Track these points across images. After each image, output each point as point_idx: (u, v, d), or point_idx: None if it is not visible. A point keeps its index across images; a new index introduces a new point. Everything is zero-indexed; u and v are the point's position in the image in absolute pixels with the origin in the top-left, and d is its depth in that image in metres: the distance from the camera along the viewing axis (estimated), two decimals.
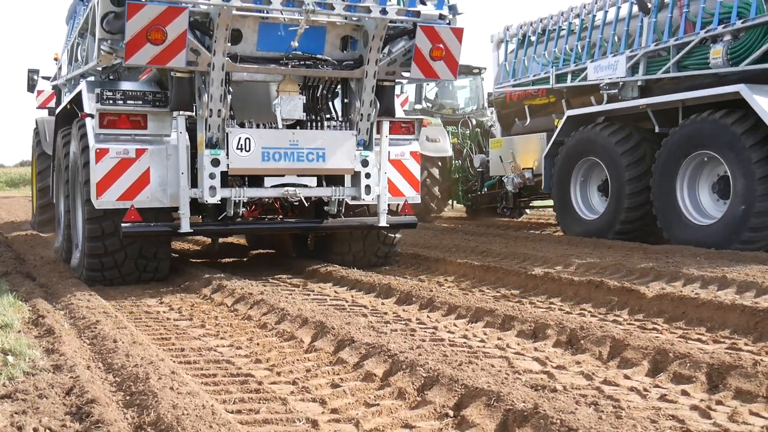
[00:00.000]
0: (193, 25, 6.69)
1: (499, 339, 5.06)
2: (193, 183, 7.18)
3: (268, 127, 7.32)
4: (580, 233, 10.74)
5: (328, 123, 7.60)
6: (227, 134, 7.08)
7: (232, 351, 4.82)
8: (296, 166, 7.29)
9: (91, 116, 7.15)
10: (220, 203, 7.24)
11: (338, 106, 7.97)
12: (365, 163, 7.60)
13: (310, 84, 7.78)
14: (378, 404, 3.67)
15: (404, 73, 7.68)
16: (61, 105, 9.66)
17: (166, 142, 7.21)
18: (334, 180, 7.67)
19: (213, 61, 6.81)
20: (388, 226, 7.89)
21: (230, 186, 7.21)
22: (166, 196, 7.17)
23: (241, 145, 7.07)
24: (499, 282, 7.38)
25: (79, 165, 7.47)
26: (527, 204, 14.48)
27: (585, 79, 11.18)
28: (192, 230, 7.23)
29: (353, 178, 7.67)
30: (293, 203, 7.60)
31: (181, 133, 7.04)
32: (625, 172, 10.05)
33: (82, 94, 7.51)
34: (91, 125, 7.16)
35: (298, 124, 7.47)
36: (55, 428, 3.18)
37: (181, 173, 7.04)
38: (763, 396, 3.70)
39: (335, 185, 7.62)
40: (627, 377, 4.13)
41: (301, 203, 7.53)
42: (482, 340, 5.03)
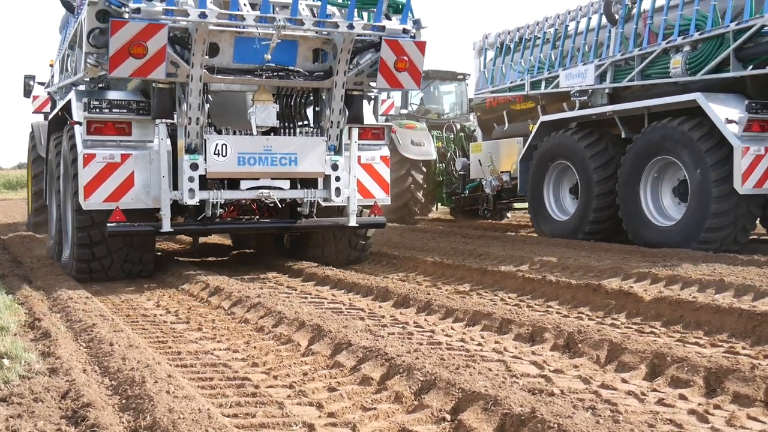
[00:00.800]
0: (173, 40, 7.17)
1: (497, 342, 5.05)
2: (175, 186, 7.63)
3: (244, 134, 7.78)
4: (553, 233, 11.22)
5: (300, 129, 8.12)
6: (205, 140, 7.53)
7: (228, 354, 4.81)
8: (270, 170, 7.76)
9: (80, 124, 7.63)
10: (199, 204, 7.70)
11: (310, 113, 8.47)
12: (335, 167, 8.05)
13: (283, 93, 8.26)
14: (375, 408, 3.65)
15: (371, 84, 8.16)
16: (52, 113, 10.15)
17: (149, 148, 7.67)
18: (307, 183, 8.13)
19: (191, 73, 7.29)
20: (358, 225, 8.37)
21: (209, 188, 7.67)
22: (149, 198, 7.62)
23: (218, 151, 7.54)
24: (496, 285, 7.38)
25: (69, 169, 7.93)
26: (507, 206, 15.10)
27: (557, 86, 11.70)
28: (173, 230, 7.66)
29: (324, 181, 8.13)
30: (269, 205, 8.10)
31: (163, 140, 7.48)
32: (593, 174, 10.55)
33: (72, 102, 7.98)
34: (79, 132, 7.64)
35: (272, 131, 7.94)
36: None
37: (163, 177, 7.46)
38: (760, 400, 3.70)
39: (308, 188, 8.08)
40: (624, 381, 4.13)
41: (276, 204, 8.03)
42: (479, 344, 5.03)
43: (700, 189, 8.99)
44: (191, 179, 7.49)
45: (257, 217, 8.38)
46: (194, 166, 7.49)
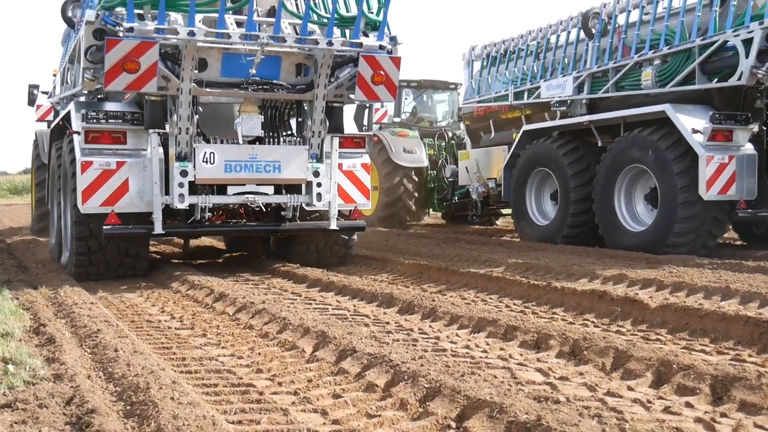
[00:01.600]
0: (164, 56, 7.68)
1: (502, 349, 5.04)
2: (166, 191, 8.14)
3: (231, 143, 8.35)
4: (534, 238, 11.68)
5: (283, 139, 8.70)
6: (194, 149, 8.05)
7: (233, 361, 4.80)
8: (255, 176, 8.28)
9: (78, 133, 8.13)
10: (189, 209, 8.22)
11: (294, 124, 9.08)
12: (317, 174, 8.53)
13: (268, 105, 8.91)
14: (380, 415, 3.64)
15: (350, 96, 8.64)
16: (54, 122, 10.70)
17: (143, 156, 8.16)
18: (291, 188, 8.68)
19: (181, 87, 7.82)
20: (338, 228, 8.86)
21: (198, 194, 8.21)
22: (143, 203, 8.11)
23: (207, 158, 8.05)
24: (501, 291, 7.36)
25: (68, 175, 8.47)
26: (495, 212, 15.59)
27: (539, 96, 12.22)
28: (164, 232, 8.18)
29: (307, 187, 8.64)
30: (255, 209, 8.54)
31: (155, 148, 8.03)
32: (571, 181, 11.04)
33: (71, 113, 8.49)
34: (77, 141, 8.13)
35: (258, 140, 8.50)
36: None
37: (155, 183, 7.99)
38: (767, 408, 3.67)
39: (291, 193, 8.62)
40: (630, 389, 4.11)
41: (261, 209, 8.52)
42: (485, 351, 5.01)
43: (669, 195, 9.45)
44: (181, 185, 7.97)
45: (244, 221, 8.82)
46: (184, 173, 7.97)
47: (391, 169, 15.71)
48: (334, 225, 8.73)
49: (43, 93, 15.07)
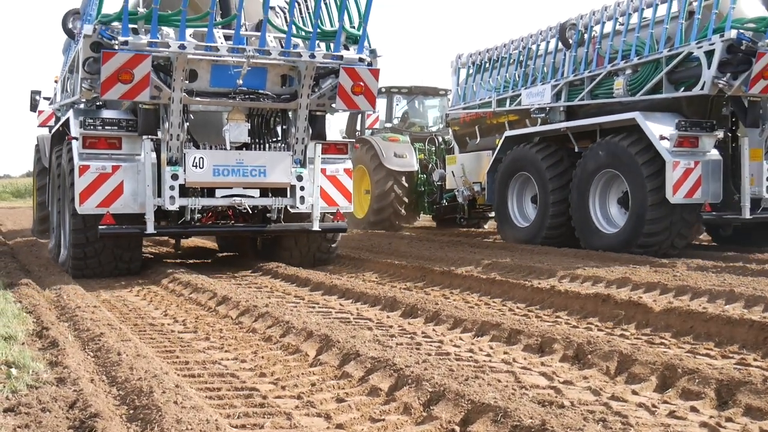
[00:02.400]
0: (156, 67, 8.14)
1: (506, 353, 5.02)
2: (159, 193, 8.56)
3: (219, 149, 8.78)
4: (516, 239, 12.13)
5: (269, 145, 9.21)
6: (185, 154, 8.50)
7: (236, 364, 4.79)
8: (242, 180, 8.73)
9: (76, 139, 8.57)
10: (180, 210, 8.63)
11: (279, 131, 9.50)
12: (300, 178, 8.93)
13: (254, 113, 9.41)
14: (383, 419, 3.63)
15: (332, 105, 9.07)
16: (54, 128, 11.22)
17: (137, 160, 8.59)
18: (276, 192, 9.05)
19: (173, 96, 8.29)
20: (320, 230, 9.25)
21: (188, 196, 8.63)
22: (136, 204, 8.55)
23: (196, 163, 8.49)
24: (505, 295, 7.35)
25: (67, 178, 8.95)
26: (482, 215, 16.00)
27: (520, 104, 12.72)
28: (156, 231, 8.63)
29: (291, 191, 9.01)
30: (242, 211, 9.01)
31: (148, 153, 8.46)
32: (549, 184, 11.47)
33: (70, 120, 8.89)
34: (76, 146, 8.57)
35: (245, 146, 8.92)
36: None
37: (147, 185, 8.41)
38: None
39: (276, 196, 9.01)
40: (635, 393, 4.09)
41: (248, 211, 8.99)
42: (488, 354, 5.00)
43: (639, 198, 9.91)
44: (172, 188, 8.41)
45: (232, 222, 9.33)
46: (175, 177, 8.41)
47: (382, 173, 16.18)
48: (316, 226, 9.13)
49: (45, 99, 15.40)
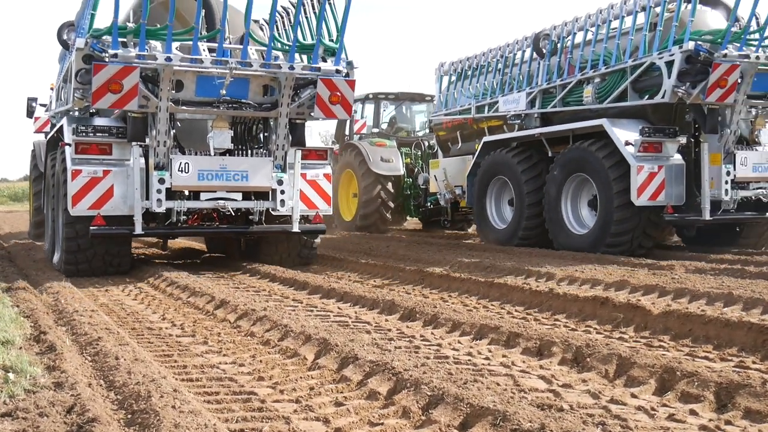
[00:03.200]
0: (144, 78, 8.61)
1: (504, 356, 5.02)
2: (147, 196, 9.01)
3: (204, 154, 9.21)
4: (494, 240, 12.69)
5: (251, 151, 9.54)
6: (171, 159, 8.96)
7: (234, 368, 4.78)
8: (225, 184, 9.18)
9: (69, 145, 9.04)
10: (166, 212, 9.09)
11: (261, 137, 9.99)
12: (280, 182, 9.35)
13: (237, 121, 10.00)
14: (382, 423, 3.62)
15: (311, 114, 9.51)
16: (49, 134, 11.91)
17: (127, 165, 9.09)
18: (258, 195, 9.46)
19: (160, 105, 8.75)
20: (300, 231, 9.65)
21: (174, 199, 9.06)
22: (126, 206, 9.01)
23: (182, 168, 8.95)
24: (503, 298, 7.34)
25: (60, 181, 9.43)
26: (465, 217, 16.22)
27: (497, 110, 13.28)
28: (144, 232, 9.08)
29: (272, 194, 9.42)
30: (226, 213, 9.46)
31: (137, 158, 8.92)
32: (524, 187, 11.99)
33: (64, 127, 9.40)
34: (69, 151, 9.06)
35: (228, 152, 9.33)
36: None
37: (136, 189, 8.86)
38: None
39: (258, 199, 9.42)
40: (634, 396, 4.09)
41: (231, 213, 9.45)
42: (487, 358, 4.99)
43: (606, 200, 10.41)
44: (159, 191, 8.85)
45: (217, 224, 9.80)
46: (162, 181, 8.85)
47: (369, 177, 16.51)
48: (296, 228, 9.54)
49: (41, 105, 15.76)
